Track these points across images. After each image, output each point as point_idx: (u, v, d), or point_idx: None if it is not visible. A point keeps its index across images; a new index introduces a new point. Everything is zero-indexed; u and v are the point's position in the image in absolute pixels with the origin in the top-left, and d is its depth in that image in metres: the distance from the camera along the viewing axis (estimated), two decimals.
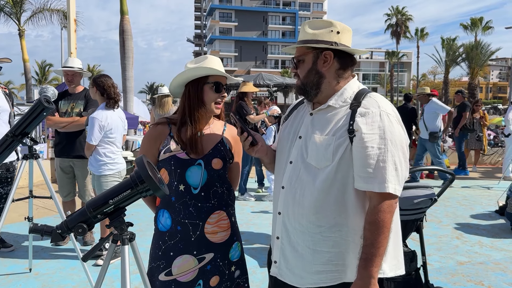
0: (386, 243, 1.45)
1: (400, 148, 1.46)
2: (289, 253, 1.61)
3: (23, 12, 21.27)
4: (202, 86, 1.84)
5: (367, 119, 1.46)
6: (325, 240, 1.52)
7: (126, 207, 1.53)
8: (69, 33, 8.54)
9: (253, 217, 5.67)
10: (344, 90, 1.58)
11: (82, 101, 4.45)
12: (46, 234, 1.51)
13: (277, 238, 1.66)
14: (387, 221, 1.43)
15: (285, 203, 1.61)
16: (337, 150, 1.48)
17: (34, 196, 3.46)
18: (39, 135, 9.80)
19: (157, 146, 1.87)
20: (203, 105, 1.85)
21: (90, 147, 3.79)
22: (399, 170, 1.45)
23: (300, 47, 1.63)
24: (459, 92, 9.72)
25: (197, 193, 1.82)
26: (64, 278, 3.61)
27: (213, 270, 1.86)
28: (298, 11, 73.38)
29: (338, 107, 1.56)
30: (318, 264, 1.54)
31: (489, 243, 4.67)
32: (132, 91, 12.01)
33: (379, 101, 1.52)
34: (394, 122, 1.48)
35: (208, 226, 1.84)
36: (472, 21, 45.89)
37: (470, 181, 8.59)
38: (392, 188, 1.43)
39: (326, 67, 1.58)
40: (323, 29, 1.58)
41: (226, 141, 1.94)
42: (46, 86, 3.36)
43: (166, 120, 1.92)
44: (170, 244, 1.83)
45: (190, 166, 1.82)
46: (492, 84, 75.57)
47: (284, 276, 1.63)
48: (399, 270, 1.59)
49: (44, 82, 49.06)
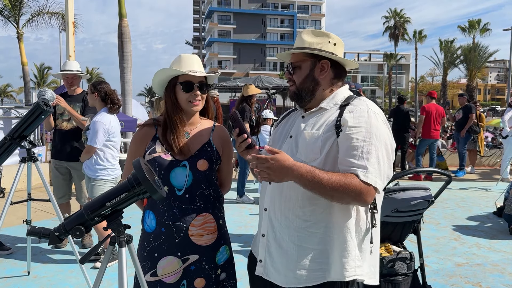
0: (325, 191, 1.39)
1: (384, 145, 1.47)
2: (275, 250, 1.61)
3: (21, 15, 21.25)
4: (174, 87, 1.85)
5: (355, 114, 1.50)
6: (310, 236, 1.53)
7: (124, 209, 1.53)
8: (68, 36, 8.55)
9: (252, 219, 5.67)
10: (336, 94, 1.64)
11: (80, 103, 4.46)
12: (44, 236, 1.51)
13: (262, 235, 1.67)
14: (346, 192, 1.38)
15: (272, 199, 1.63)
16: (324, 144, 1.51)
17: (32, 199, 3.46)
18: (37, 138, 9.78)
19: (143, 147, 1.87)
20: (179, 106, 1.85)
21: (92, 150, 3.75)
22: (381, 165, 1.44)
23: (297, 54, 1.66)
24: (463, 94, 9.76)
25: (181, 195, 1.82)
26: (62, 281, 3.61)
27: (198, 272, 1.85)
28: (296, 13, 73.47)
29: (329, 108, 1.61)
30: (302, 261, 1.54)
31: (487, 244, 4.68)
32: (130, 94, 12.01)
33: (367, 102, 1.57)
34: (381, 121, 1.51)
35: (192, 228, 1.83)
36: (469, 23, 45.97)
37: (468, 182, 8.61)
38: (373, 180, 1.41)
39: (323, 75, 1.64)
40: (321, 38, 1.63)
41: (214, 142, 1.93)
42: (45, 89, 3.37)
43: (153, 122, 1.93)
44: (154, 245, 1.83)
45: (174, 168, 1.82)
46: (490, 86, 75.79)
47: (270, 275, 1.63)
48: (373, 280, 1.60)
49: (42, 85, 48.97)
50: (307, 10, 76.17)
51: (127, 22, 11.73)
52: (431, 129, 8.79)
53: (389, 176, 1.48)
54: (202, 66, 1.89)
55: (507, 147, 8.50)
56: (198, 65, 1.85)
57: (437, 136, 8.95)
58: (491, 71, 76.93)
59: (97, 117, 3.78)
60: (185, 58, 1.84)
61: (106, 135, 3.78)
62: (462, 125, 9.19)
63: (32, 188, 3.53)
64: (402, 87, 75.64)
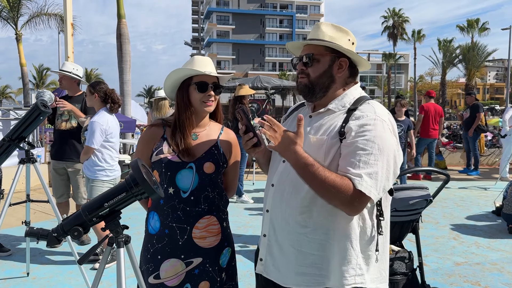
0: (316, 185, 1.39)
1: (386, 156, 1.41)
2: (276, 251, 1.60)
3: (20, 16, 21.24)
4: (187, 88, 1.85)
5: (360, 122, 1.45)
6: (310, 242, 1.51)
7: (122, 210, 1.54)
8: (66, 37, 8.55)
9: (251, 219, 5.67)
10: (345, 95, 1.58)
11: (79, 104, 4.47)
12: (42, 237, 1.51)
13: (264, 235, 1.66)
14: (337, 195, 1.36)
15: (274, 201, 1.61)
16: (329, 152, 1.48)
17: (31, 200, 3.46)
18: (36, 139, 9.79)
19: (150, 148, 1.87)
20: (191, 107, 1.85)
21: (90, 150, 3.73)
22: (380, 176, 1.39)
23: (317, 46, 1.59)
24: (471, 93, 9.76)
25: (186, 197, 1.81)
26: (61, 282, 3.60)
27: (202, 275, 1.83)
28: (295, 13, 73.48)
29: (337, 111, 1.56)
30: (301, 265, 1.52)
31: (486, 243, 4.68)
32: (129, 94, 12.03)
33: (376, 107, 1.50)
34: (387, 130, 1.45)
35: (196, 231, 1.82)
36: (468, 22, 46.06)
37: (467, 182, 8.62)
38: (367, 189, 1.36)
39: (340, 73, 1.58)
40: (341, 34, 1.58)
41: (221, 145, 1.92)
42: (43, 90, 3.37)
43: (161, 122, 1.92)
44: (158, 248, 1.83)
45: (181, 169, 1.81)
46: (489, 85, 75.84)
47: (269, 273, 1.63)
48: (382, 284, 1.57)
49: (41, 86, 48.97)
50: (305, 10, 76.18)
51: (125, 23, 11.74)
52: (430, 128, 8.79)
53: (386, 188, 1.43)
54: (215, 68, 1.90)
55: (506, 147, 8.52)
56: (211, 66, 1.86)
57: (436, 136, 8.95)
58: (490, 70, 76.98)
59: (94, 117, 3.77)
60: (199, 60, 1.85)
61: (103, 135, 3.76)
62: (470, 124, 9.19)
63: (31, 189, 3.53)
64: (401, 87, 75.69)
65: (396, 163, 1.46)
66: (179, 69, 1.83)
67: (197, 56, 1.88)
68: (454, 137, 14.52)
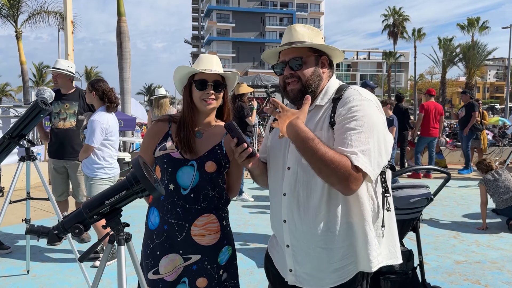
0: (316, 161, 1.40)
1: (376, 133, 1.44)
2: (303, 258, 1.59)
3: (20, 14, 21.21)
4: (190, 86, 1.87)
5: (348, 106, 1.48)
6: (334, 236, 1.52)
7: (123, 208, 1.53)
8: (66, 35, 8.54)
9: (251, 217, 5.67)
10: (328, 88, 1.63)
11: (77, 102, 4.46)
12: (43, 235, 1.51)
13: (287, 246, 1.63)
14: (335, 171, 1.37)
15: (289, 210, 1.59)
16: (328, 144, 1.49)
17: (31, 198, 3.46)
18: (36, 137, 9.78)
19: (155, 143, 1.88)
20: (193, 105, 1.86)
21: (89, 149, 3.73)
22: (372, 153, 1.41)
23: (301, 49, 1.60)
24: (466, 92, 9.75)
25: (186, 194, 1.81)
26: (61, 280, 3.61)
27: (200, 272, 1.84)
28: (295, 12, 73.39)
29: (323, 104, 1.60)
30: (334, 262, 1.54)
31: (486, 242, 4.69)
32: (129, 92, 12.01)
33: (360, 90, 1.55)
34: (374, 109, 1.49)
35: (195, 228, 1.82)
36: (468, 21, 46.02)
37: (467, 181, 8.62)
38: (363, 165, 1.37)
39: (325, 70, 1.64)
40: (315, 33, 1.63)
41: (225, 145, 1.91)
42: (43, 88, 3.36)
43: (168, 118, 1.93)
44: (157, 243, 1.84)
45: (182, 166, 1.82)
46: (489, 84, 75.77)
47: (303, 282, 1.61)
48: (393, 260, 1.60)
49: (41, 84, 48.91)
50: (306, 8, 76.11)
51: (125, 21, 11.72)
52: (430, 127, 8.79)
53: (380, 164, 1.45)
54: (221, 66, 1.89)
55: None
56: (216, 64, 1.85)
57: (436, 134, 8.95)
58: (490, 69, 76.87)
59: (94, 116, 3.77)
60: (204, 58, 1.86)
61: (103, 134, 3.76)
62: (465, 123, 9.19)
63: (31, 187, 3.53)
64: (401, 85, 75.65)
65: (386, 140, 1.48)
66: (180, 67, 1.84)
67: (204, 55, 1.88)
68: (454, 136, 14.53)
